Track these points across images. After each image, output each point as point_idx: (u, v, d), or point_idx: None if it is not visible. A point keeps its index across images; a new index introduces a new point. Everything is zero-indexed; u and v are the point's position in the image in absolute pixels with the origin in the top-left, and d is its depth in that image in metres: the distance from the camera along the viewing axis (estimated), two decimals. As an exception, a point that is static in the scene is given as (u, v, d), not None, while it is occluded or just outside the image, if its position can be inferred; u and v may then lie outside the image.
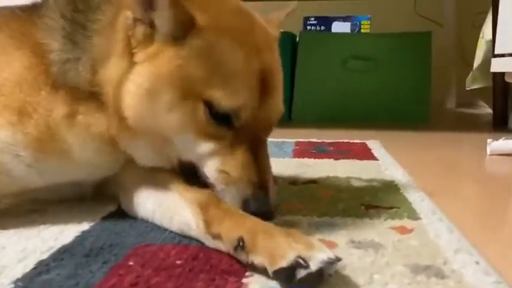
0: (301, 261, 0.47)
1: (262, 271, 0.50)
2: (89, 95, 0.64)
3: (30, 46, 0.65)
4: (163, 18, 0.60)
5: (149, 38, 0.61)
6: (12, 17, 0.69)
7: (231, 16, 0.64)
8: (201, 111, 0.60)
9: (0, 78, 0.64)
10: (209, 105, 0.60)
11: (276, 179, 0.73)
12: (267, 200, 0.62)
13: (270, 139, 1.43)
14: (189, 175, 0.65)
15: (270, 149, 1.26)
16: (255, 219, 0.57)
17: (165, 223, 0.64)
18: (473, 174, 1.20)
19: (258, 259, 0.50)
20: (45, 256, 0.55)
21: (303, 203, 0.77)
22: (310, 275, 0.46)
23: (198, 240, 0.60)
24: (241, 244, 0.52)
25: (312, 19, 2.40)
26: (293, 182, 0.92)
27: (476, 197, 0.99)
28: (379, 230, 0.65)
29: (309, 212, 0.72)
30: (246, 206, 0.60)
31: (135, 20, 0.61)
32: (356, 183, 0.91)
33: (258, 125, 0.64)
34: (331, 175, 0.97)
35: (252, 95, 0.61)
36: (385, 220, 0.69)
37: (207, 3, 0.63)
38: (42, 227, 0.65)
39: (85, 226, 0.66)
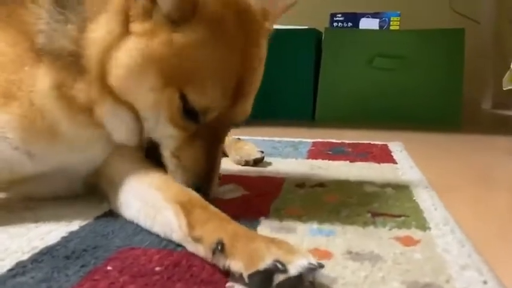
0: (279, 265, 0.44)
1: (242, 280, 0.47)
2: (71, 63, 0.62)
3: (15, 25, 0.64)
4: None
5: (148, 13, 0.61)
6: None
7: (225, 7, 0.62)
8: (176, 101, 0.62)
9: None
10: (183, 99, 0.61)
11: (221, 176, 0.78)
12: (208, 191, 0.65)
13: (287, 138, 1.41)
14: (153, 156, 0.68)
15: (285, 149, 1.25)
16: (238, 225, 0.54)
17: (148, 224, 0.62)
18: (506, 183, 1.10)
19: (235, 264, 0.48)
20: (25, 257, 0.54)
21: (305, 208, 0.73)
22: (288, 280, 0.44)
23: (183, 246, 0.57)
24: (219, 248, 0.50)
25: (339, 15, 2.33)
26: (300, 184, 0.87)
27: (504, 209, 0.91)
28: (381, 240, 0.60)
29: (309, 218, 0.68)
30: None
31: None
32: (368, 188, 0.86)
33: (221, 125, 0.67)
34: (342, 178, 0.92)
35: (224, 98, 0.63)
36: (390, 229, 0.64)
37: None
38: (32, 225, 0.64)
39: (75, 226, 0.64)
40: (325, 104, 2.13)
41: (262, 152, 1.06)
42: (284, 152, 1.20)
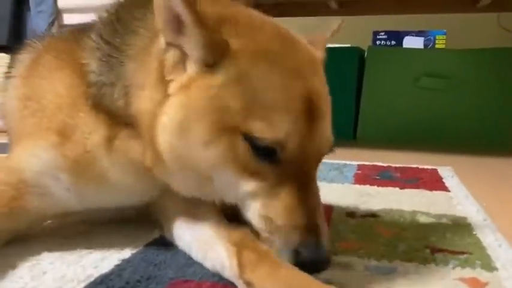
0: None
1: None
2: (126, 121, 0.62)
3: (72, 66, 0.65)
4: (191, 42, 0.55)
5: (181, 66, 0.56)
6: (62, 38, 0.70)
7: (268, 39, 0.58)
8: (241, 146, 0.53)
9: (45, 100, 0.65)
10: (249, 139, 0.53)
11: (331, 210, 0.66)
12: (320, 246, 0.53)
13: (330, 160, 1.38)
14: (234, 214, 0.60)
15: (329, 172, 1.22)
16: (291, 269, 0.51)
17: (199, 257, 0.61)
18: None
19: None
20: (81, 286, 0.54)
21: (360, 241, 0.70)
22: None
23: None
24: None
25: (382, 33, 2.30)
26: (351, 213, 0.84)
27: None
28: (444, 281, 0.57)
29: (366, 253, 0.65)
30: (297, 256, 0.53)
31: (167, 45, 0.56)
32: (422, 219, 0.82)
33: (305, 158, 0.56)
34: (394, 207, 0.89)
35: (297, 124, 0.54)
36: (454, 268, 0.60)
37: (242, 26, 0.57)
38: (85, 252, 0.64)
39: (127, 253, 0.63)
40: (367, 123, 2.09)
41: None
42: (329, 176, 1.18)
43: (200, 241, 0.61)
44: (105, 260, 0.61)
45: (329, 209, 0.87)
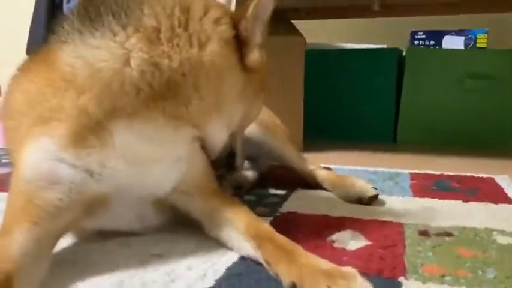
0: None
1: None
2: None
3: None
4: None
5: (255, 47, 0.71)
6: None
7: None
8: None
9: (15, 103, 0.65)
10: None
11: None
12: None
13: (380, 168, 1.35)
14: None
15: (384, 182, 1.19)
16: (310, 258, 0.61)
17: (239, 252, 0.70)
18: None
19: None
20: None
21: (443, 265, 0.68)
22: None
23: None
24: None
25: (420, 33, 2.24)
26: (424, 232, 0.82)
27: None
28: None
29: (453, 280, 0.62)
30: None
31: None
32: (500, 239, 0.79)
33: None
34: (466, 225, 0.86)
35: None
36: (555, 299, 0.58)
37: None
38: (167, 279, 0.63)
39: (210, 281, 0.62)
40: (407, 126, 2.05)
41: (375, 188, 1.02)
42: (386, 187, 1.15)
43: (232, 238, 0.70)
44: (191, 288, 0.60)
45: (398, 226, 0.85)
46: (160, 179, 0.70)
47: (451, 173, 1.31)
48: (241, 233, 0.69)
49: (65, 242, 0.74)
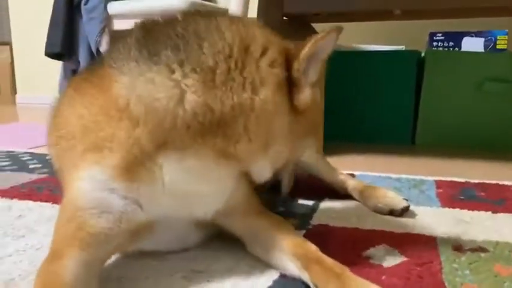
0: None
1: None
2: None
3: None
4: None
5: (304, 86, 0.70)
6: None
7: None
8: None
9: (71, 126, 0.67)
10: None
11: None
12: None
13: (404, 175, 1.36)
14: None
15: (409, 190, 1.20)
16: (359, 282, 0.61)
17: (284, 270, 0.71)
18: None
19: None
20: None
21: (482, 285, 0.69)
22: None
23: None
24: None
25: (439, 35, 2.23)
26: (457, 247, 0.83)
27: None
28: None
29: (496, 301, 0.63)
30: None
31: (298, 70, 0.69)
32: (536, 255, 0.80)
33: None
34: (499, 239, 0.86)
35: None
36: None
37: None
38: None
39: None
40: (426, 128, 2.05)
41: (406, 200, 1.02)
42: (412, 196, 1.15)
43: (276, 258, 0.71)
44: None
45: (431, 240, 0.86)
46: (205, 208, 0.72)
47: (476, 181, 1.31)
48: (286, 253, 0.70)
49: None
